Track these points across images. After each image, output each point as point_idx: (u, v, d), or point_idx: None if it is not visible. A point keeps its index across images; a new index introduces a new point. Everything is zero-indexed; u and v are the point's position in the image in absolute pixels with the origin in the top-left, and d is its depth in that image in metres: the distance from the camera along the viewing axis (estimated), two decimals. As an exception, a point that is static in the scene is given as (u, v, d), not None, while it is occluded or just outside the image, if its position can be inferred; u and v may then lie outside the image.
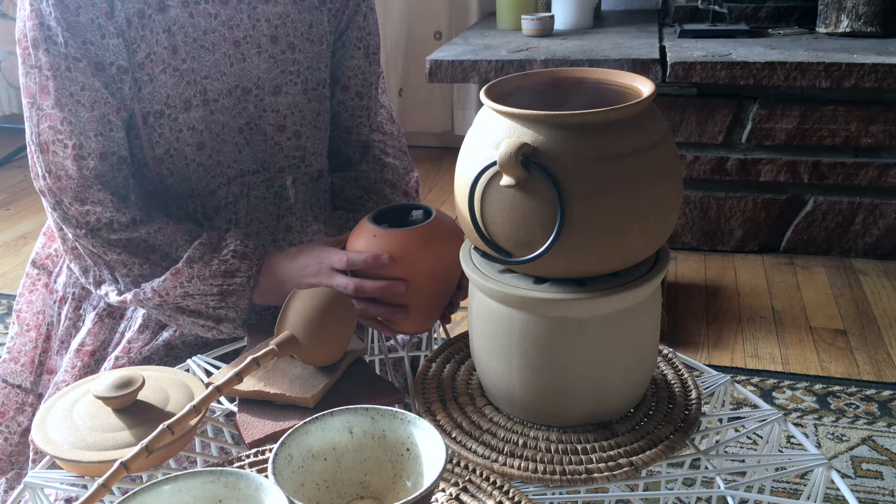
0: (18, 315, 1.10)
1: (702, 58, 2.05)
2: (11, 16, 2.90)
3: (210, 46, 0.94)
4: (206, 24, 0.93)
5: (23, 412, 1.09)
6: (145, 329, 0.99)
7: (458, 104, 3.10)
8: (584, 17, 2.45)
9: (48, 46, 0.87)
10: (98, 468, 0.70)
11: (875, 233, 2.21)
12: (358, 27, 1.06)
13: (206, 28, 0.93)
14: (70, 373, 1.01)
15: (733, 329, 1.92)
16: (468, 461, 0.73)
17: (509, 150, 0.65)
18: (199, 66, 0.94)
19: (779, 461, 0.78)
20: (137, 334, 0.99)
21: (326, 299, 0.81)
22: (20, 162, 3.24)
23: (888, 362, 1.77)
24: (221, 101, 0.96)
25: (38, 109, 0.89)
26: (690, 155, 2.22)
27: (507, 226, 0.69)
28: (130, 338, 0.99)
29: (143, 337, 0.99)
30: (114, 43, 0.89)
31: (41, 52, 0.87)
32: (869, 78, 1.96)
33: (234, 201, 1.00)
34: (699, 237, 2.32)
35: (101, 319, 1.02)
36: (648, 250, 0.71)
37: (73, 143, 0.90)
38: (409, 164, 1.16)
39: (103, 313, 1.02)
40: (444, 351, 0.89)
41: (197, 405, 0.70)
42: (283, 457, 0.61)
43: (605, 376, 0.73)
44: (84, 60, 0.88)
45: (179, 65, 0.93)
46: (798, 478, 1.41)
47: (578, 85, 0.78)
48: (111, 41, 0.89)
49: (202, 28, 0.93)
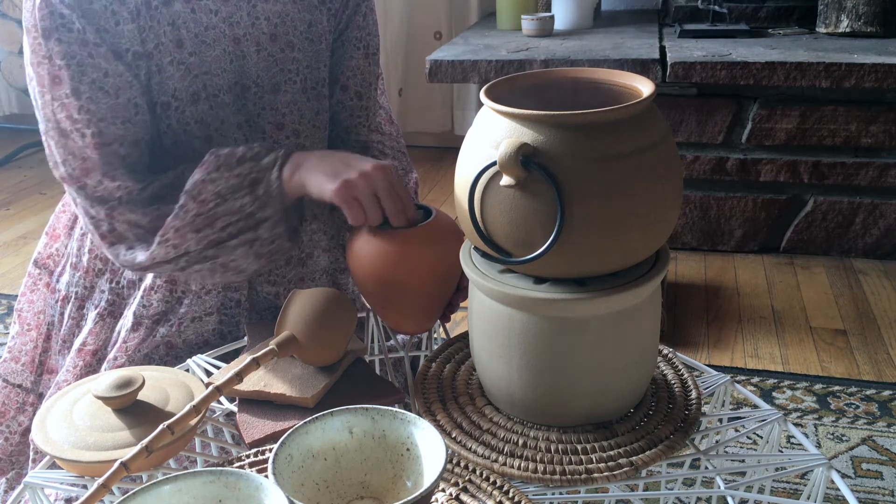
0: (20, 315, 1.10)
1: (702, 58, 2.05)
2: (11, 16, 2.90)
3: (211, 42, 0.94)
4: (206, 19, 0.93)
5: (23, 412, 1.09)
6: (139, 327, 0.99)
7: (458, 104, 3.10)
8: (584, 17, 2.45)
9: (61, 35, 0.85)
10: (98, 468, 0.70)
11: (875, 233, 2.21)
12: (357, 27, 1.06)
13: (206, 24, 0.93)
14: (72, 372, 1.01)
15: (733, 329, 1.92)
16: (468, 461, 0.73)
17: (509, 150, 0.65)
18: (201, 62, 0.94)
19: (779, 461, 0.78)
20: (131, 332, 0.99)
21: (326, 299, 0.81)
22: (20, 162, 3.24)
23: (888, 362, 1.77)
24: (221, 96, 0.96)
25: (53, 99, 0.88)
26: (690, 155, 2.22)
27: (507, 226, 0.69)
28: (125, 336, 0.99)
29: (138, 335, 0.99)
30: (128, 29, 0.88)
31: (52, 42, 0.85)
32: (869, 78, 1.96)
33: None
34: (699, 237, 2.32)
35: (102, 319, 1.02)
36: (648, 250, 0.71)
37: (92, 130, 0.88)
38: (408, 165, 1.16)
39: (104, 312, 1.02)
40: (444, 351, 0.89)
41: (197, 405, 0.70)
42: (283, 457, 0.61)
43: (605, 376, 0.73)
44: (104, 46, 0.87)
45: (186, 58, 0.93)
46: (798, 478, 1.41)
47: (578, 85, 0.78)
48: (125, 27, 0.88)
49: (203, 24, 0.93)
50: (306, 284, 1.07)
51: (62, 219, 1.10)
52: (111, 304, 1.02)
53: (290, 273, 1.05)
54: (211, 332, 1.02)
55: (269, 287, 1.04)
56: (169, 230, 0.88)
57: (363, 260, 0.88)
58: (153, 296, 1.00)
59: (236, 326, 1.03)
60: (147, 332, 1.00)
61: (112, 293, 1.02)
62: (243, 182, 0.88)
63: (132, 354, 0.98)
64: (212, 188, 0.88)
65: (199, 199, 0.88)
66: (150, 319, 1.00)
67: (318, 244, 1.07)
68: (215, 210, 0.88)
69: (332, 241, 1.09)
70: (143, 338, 0.99)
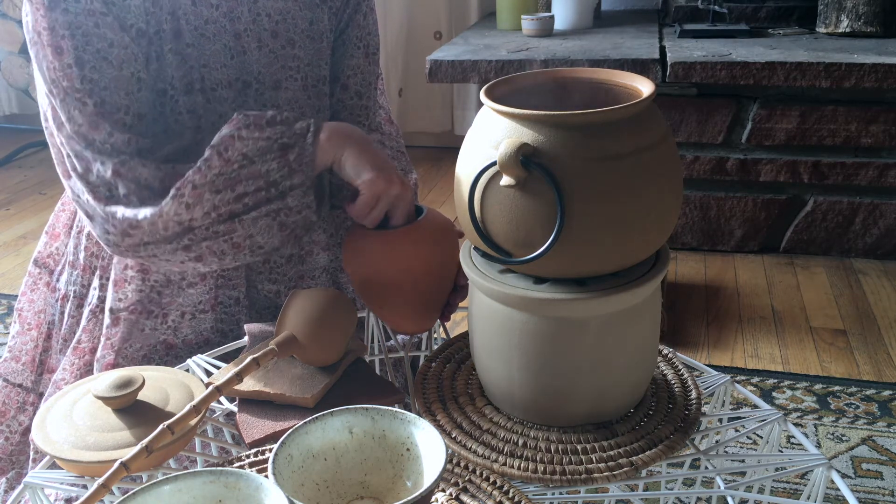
0: (20, 314, 1.10)
1: (702, 58, 2.05)
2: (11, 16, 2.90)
3: (211, 36, 0.94)
4: (207, 13, 0.93)
5: (24, 411, 1.09)
6: (118, 321, 0.98)
7: (458, 104, 3.10)
8: (584, 17, 2.45)
9: (68, 5, 0.84)
10: (98, 468, 0.70)
11: (875, 233, 2.21)
12: (358, 26, 1.06)
13: (207, 17, 0.93)
14: (69, 371, 1.01)
15: (733, 329, 1.92)
16: (468, 461, 0.73)
17: (509, 150, 0.65)
18: (200, 54, 0.94)
19: (779, 461, 0.78)
20: (112, 328, 0.98)
21: (326, 299, 0.81)
22: (20, 162, 3.24)
23: (888, 362, 1.77)
24: (220, 91, 0.96)
25: (53, 71, 0.85)
26: (690, 155, 2.22)
27: (507, 226, 0.69)
28: (107, 333, 0.98)
29: (119, 330, 0.98)
30: (135, 4, 0.88)
31: (58, 12, 0.83)
32: (869, 78, 1.96)
33: None
34: (699, 237, 2.32)
35: (95, 316, 1.01)
36: (648, 250, 0.71)
37: (95, 100, 0.86)
38: (407, 165, 1.16)
39: (96, 310, 1.02)
40: (444, 351, 0.89)
41: (197, 405, 0.70)
42: (283, 457, 0.61)
43: (605, 376, 0.73)
44: (111, 16, 0.86)
45: (183, 49, 0.92)
46: (798, 478, 1.41)
47: (578, 85, 0.78)
48: (133, 1, 0.87)
49: (203, 17, 0.93)
50: (306, 282, 1.07)
51: (62, 217, 1.10)
52: (102, 300, 1.02)
53: (291, 271, 1.05)
54: (210, 329, 1.02)
55: (269, 285, 1.04)
56: (187, 184, 0.83)
57: (357, 260, 0.89)
58: (126, 287, 0.98)
59: (237, 325, 1.03)
60: (129, 327, 0.98)
61: (102, 290, 1.02)
62: (272, 146, 0.85)
63: (121, 350, 0.97)
64: (239, 146, 0.84)
65: (224, 155, 0.84)
66: (128, 311, 0.98)
67: (317, 242, 1.07)
68: (239, 172, 0.85)
69: (331, 239, 1.09)
70: (126, 333, 0.98)
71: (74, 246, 1.05)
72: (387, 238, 0.87)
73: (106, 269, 1.02)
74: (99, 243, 1.02)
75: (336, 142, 0.87)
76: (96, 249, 1.03)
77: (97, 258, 1.03)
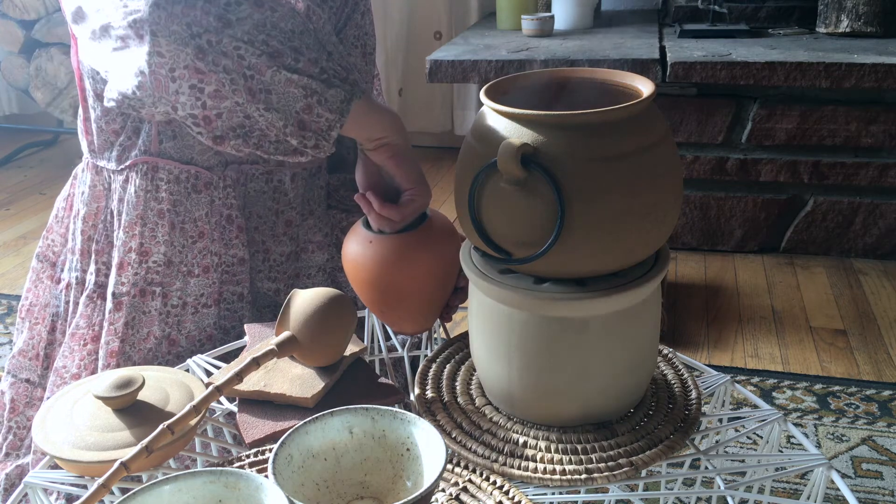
0: (27, 310, 1.11)
1: (702, 58, 2.05)
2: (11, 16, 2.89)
3: None
4: None
5: (32, 406, 1.10)
6: (120, 306, 0.98)
7: (458, 104, 3.10)
8: (584, 17, 2.45)
9: None
10: (98, 468, 0.70)
11: (875, 233, 2.21)
12: (356, 25, 1.06)
13: None
14: (68, 357, 1.01)
15: (733, 329, 1.92)
16: (468, 461, 0.73)
17: (509, 150, 0.65)
18: None
19: (779, 461, 0.78)
20: (114, 313, 0.98)
21: (326, 299, 0.81)
22: (20, 162, 3.24)
23: (888, 362, 1.77)
24: None
25: None
26: (690, 155, 2.22)
27: (507, 226, 0.69)
28: (110, 318, 0.98)
29: (122, 315, 0.98)
30: None
31: None
32: (869, 78, 1.96)
33: (232, 185, 1.00)
34: (699, 237, 2.32)
35: (92, 301, 1.01)
36: (648, 250, 0.71)
37: None
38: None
39: (93, 295, 1.02)
40: (444, 351, 0.89)
41: (197, 405, 0.70)
42: (283, 457, 0.61)
43: (605, 376, 0.73)
44: None
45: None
46: (798, 478, 1.41)
47: (578, 85, 0.78)
48: None
49: None
50: (303, 280, 1.08)
51: (59, 210, 1.10)
52: (98, 285, 1.02)
53: (289, 269, 1.06)
54: (212, 325, 1.02)
55: (268, 283, 1.05)
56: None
57: (359, 265, 0.88)
58: (128, 270, 0.98)
59: (239, 321, 1.03)
60: (132, 311, 0.98)
61: (100, 274, 1.02)
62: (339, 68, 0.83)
63: (126, 337, 0.97)
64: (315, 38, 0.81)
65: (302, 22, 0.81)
66: (129, 296, 0.98)
67: (312, 239, 1.08)
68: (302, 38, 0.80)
69: (326, 238, 1.09)
70: (129, 318, 0.98)
71: (71, 231, 1.06)
72: (391, 243, 0.87)
73: (101, 252, 1.02)
74: (95, 226, 1.03)
75: (397, 126, 0.87)
76: (92, 233, 1.03)
77: (92, 241, 1.03)
